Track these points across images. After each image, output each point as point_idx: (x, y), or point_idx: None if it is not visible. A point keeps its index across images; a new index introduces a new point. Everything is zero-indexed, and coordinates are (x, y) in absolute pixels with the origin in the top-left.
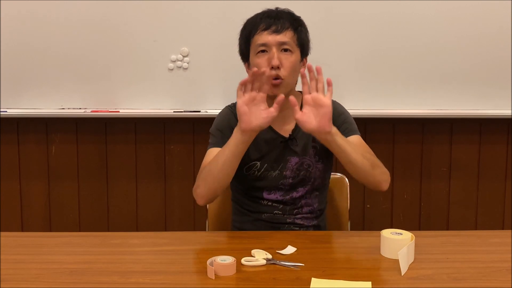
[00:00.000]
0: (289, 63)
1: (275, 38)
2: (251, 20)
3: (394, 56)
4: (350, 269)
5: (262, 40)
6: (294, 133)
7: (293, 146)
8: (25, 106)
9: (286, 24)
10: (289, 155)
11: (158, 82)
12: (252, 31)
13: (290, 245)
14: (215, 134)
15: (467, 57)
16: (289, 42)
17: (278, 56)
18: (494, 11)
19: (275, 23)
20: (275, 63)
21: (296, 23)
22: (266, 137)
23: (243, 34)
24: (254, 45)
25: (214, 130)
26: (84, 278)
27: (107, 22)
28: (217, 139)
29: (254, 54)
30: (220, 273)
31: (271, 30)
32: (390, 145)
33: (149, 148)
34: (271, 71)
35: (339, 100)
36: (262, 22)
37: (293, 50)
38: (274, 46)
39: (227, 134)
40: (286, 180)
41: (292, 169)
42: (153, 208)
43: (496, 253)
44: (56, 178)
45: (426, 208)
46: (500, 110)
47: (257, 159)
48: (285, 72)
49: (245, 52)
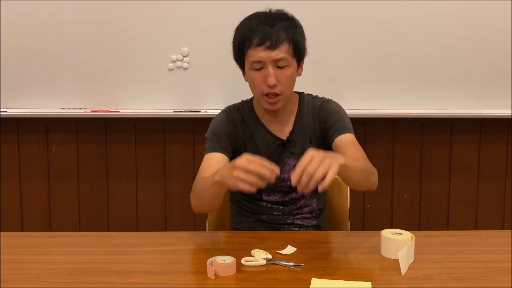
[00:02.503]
0: (286, 78)
1: (270, 55)
2: (243, 30)
3: (394, 56)
4: (350, 269)
5: (256, 57)
6: (291, 135)
7: (291, 148)
8: (25, 106)
9: (281, 36)
10: (287, 157)
11: (158, 82)
12: (245, 44)
13: (290, 245)
14: (211, 138)
15: (467, 57)
16: (284, 57)
17: (274, 73)
18: (494, 11)
19: (270, 37)
20: (272, 83)
21: (291, 31)
22: (263, 141)
23: (236, 45)
24: (248, 59)
25: (209, 134)
26: (84, 278)
27: (107, 22)
28: (213, 144)
29: (249, 67)
30: (220, 273)
31: (265, 46)
32: (390, 145)
33: (149, 148)
34: (267, 88)
35: (339, 100)
36: (256, 36)
37: (289, 63)
38: (269, 63)
39: (223, 137)
40: (284, 182)
41: (291, 171)
42: (153, 208)
43: (496, 253)
44: (56, 178)
45: (426, 208)
46: (500, 110)
47: None
48: (282, 87)
49: (239, 62)
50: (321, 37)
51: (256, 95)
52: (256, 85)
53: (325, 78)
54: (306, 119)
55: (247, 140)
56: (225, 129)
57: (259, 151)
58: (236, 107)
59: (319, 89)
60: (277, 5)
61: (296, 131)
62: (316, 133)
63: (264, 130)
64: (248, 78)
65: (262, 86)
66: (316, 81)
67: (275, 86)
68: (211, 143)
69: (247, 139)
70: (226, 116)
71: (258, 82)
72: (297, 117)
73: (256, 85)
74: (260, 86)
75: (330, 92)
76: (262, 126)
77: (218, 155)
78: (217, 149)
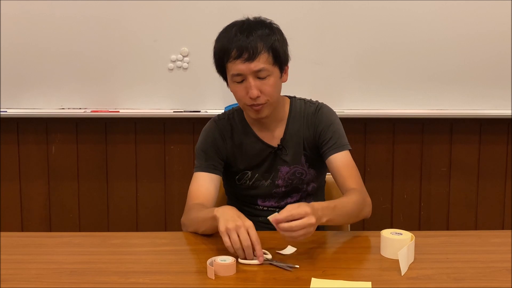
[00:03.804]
0: (269, 87)
1: (249, 67)
2: (221, 43)
3: (394, 56)
4: (350, 269)
5: (236, 70)
6: (282, 142)
7: (282, 155)
8: (25, 106)
9: (258, 46)
10: (279, 165)
11: (158, 82)
12: (224, 58)
13: (290, 245)
14: (199, 155)
15: (467, 57)
16: (264, 67)
17: (255, 85)
18: (494, 11)
19: (247, 49)
20: (253, 95)
21: (269, 39)
22: (255, 149)
23: (216, 59)
24: (229, 72)
25: (198, 150)
26: (84, 278)
27: (107, 22)
28: (201, 162)
29: (230, 80)
30: (220, 273)
31: (243, 59)
32: (390, 145)
33: (149, 148)
34: (250, 100)
35: (339, 100)
36: (233, 48)
37: (270, 72)
38: (249, 75)
39: (211, 155)
40: (279, 188)
41: (284, 178)
42: (153, 208)
43: (496, 253)
44: (56, 178)
45: (426, 208)
46: (500, 110)
47: (248, 168)
48: (266, 97)
49: (221, 74)
50: (321, 37)
51: (241, 106)
52: (239, 97)
53: (325, 78)
54: (298, 125)
55: (236, 149)
56: (212, 144)
57: (251, 159)
58: (226, 116)
59: (318, 89)
60: (277, 5)
61: (287, 138)
62: (309, 139)
63: (255, 138)
64: (232, 90)
65: (245, 97)
66: (316, 81)
67: (258, 98)
68: (200, 161)
69: (236, 148)
70: (215, 126)
71: (240, 94)
72: (288, 123)
73: (239, 97)
74: (243, 98)
75: (330, 92)
76: (252, 134)
77: (207, 175)
78: (205, 168)
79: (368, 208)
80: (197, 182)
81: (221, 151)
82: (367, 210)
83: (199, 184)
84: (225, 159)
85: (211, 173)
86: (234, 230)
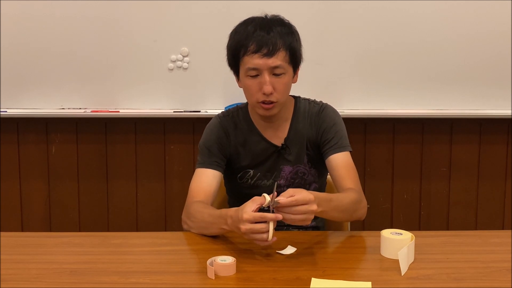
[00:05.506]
0: (282, 86)
1: (267, 62)
2: (239, 36)
3: (394, 56)
4: (350, 269)
5: (252, 64)
6: (286, 142)
7: (286, 155)
8: (25, 106)
9: (278, 43)
10: (282, 164)
11: (158, 82)
12: (241, 51)
13: (290, 245)
14: (202, 152)
15: (467, 57)
16: (281, 64)
17: (271, 81)
18: (494, 11)
19: (266, 44)
20: (268, 91)
21: (288, 38)
22: (258, 147)
23: (231, 51)
24: (244, 66)
25: (202, 146)
26: (84, 278)
27: (107, 22)
28: (204, 158)
29: (244, 74)
30: (220, 273)
31: (262, 53)
32: (390, 145)
33: (149, 148)
34: (263, 96)
35: (340, 100)
36: (252, 42)
37: (285, 71)
38: (265, 70)
39: (214, 152)
40: (281, 188)
41: (286, 178)
42: (153, 208)
43: (496, 253)
44: (56, 178)
45: (426, 208)
46: (500, 110)
47: (250, 167)
48: (278, 95)
49: (233, 68)
50: (321, 37)
51: (251, 102)
52: (252, 93)
53: (325, 78)
54: (302, 125)
55: (240, 147)
56: (216, 141)
57: (254, 158)
58: (230, 113)
59: (318, 89)
60: (277, 5)
61: (291, 137)
62: (312, 139)
63: (259, 136)
64: (243, 85)
65: (258, 93)
66: (316, 81)
67: (271, 94)
68: (202, 157)
69: (239, 146)
70: (219, 123)
71: (253, 90)
72: (292, 123)
73: (251, 92)
74: (255, 94)
75: (330, 93)
76: (256, 133)
77: (209, 172)
78: (208, 164)
79: (363, 209)
80: (199, 178)
81: (224, 148)
82: (362, 212)
83: (201, 180)
84: (228, 156)
85: (213, 170)
86: (246, 233)
